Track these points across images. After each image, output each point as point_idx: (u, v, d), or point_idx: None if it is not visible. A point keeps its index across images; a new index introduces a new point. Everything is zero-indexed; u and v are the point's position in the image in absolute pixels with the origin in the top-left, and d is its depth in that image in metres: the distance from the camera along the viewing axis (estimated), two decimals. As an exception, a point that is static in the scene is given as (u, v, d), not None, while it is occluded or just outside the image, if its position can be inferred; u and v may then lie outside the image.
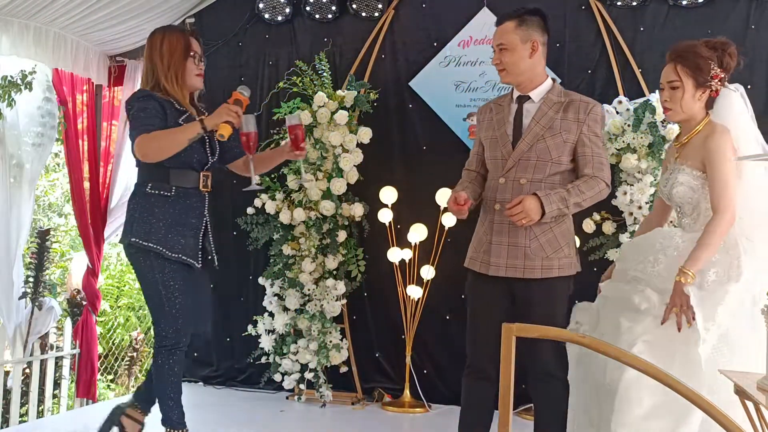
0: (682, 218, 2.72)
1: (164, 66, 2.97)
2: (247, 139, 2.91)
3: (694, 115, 2.62)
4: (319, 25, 4.73)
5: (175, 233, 2.93)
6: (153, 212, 2.93)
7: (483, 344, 2.73)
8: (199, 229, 3.03)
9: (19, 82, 4.21)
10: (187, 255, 2.95)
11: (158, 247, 2.89)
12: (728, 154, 2.53)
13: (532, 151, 2.70)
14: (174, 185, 2.95)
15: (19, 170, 4.57)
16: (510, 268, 2.68)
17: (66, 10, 4.33)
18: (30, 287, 4.72)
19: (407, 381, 4.34)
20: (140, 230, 2.91)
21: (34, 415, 4.83)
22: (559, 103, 2.74)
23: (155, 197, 2.94)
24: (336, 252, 4.43)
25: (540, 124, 2.71)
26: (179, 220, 2.95)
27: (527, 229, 2.67)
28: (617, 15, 4.27)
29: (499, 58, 2.76)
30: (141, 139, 2.83)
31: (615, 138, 4.06)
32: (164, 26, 3.11)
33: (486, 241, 2.76)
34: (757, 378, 1.90)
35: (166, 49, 2.97)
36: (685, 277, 2.41)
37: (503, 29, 2.75)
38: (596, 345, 1.61)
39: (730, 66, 2.63)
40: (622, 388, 2.38)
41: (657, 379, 1.55)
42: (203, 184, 3.05)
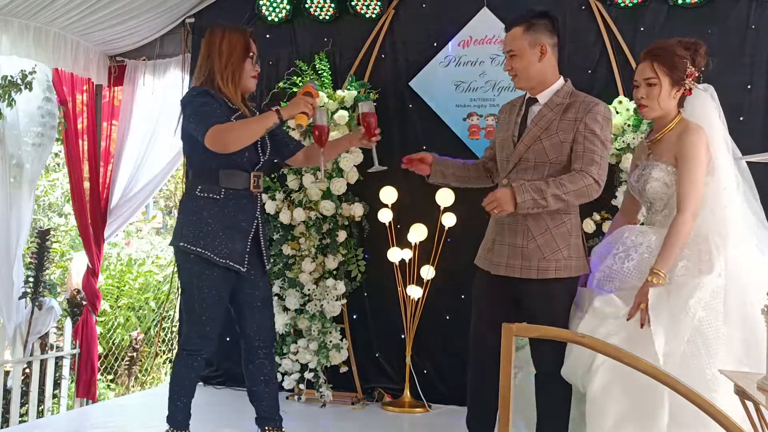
0: (653, 215, 2.76)
1: (221, 64, 2.92)
2: (319, 133, 2.90)
3: (668, 112, 2.68)
4: (319, 25, 4.72)
5: (224, 237, 2.89)
6: (202, 216, 2.89)
7: (484, 341, 2.76)
8: (249, 232, 2.98)
9: (19, 82, 4.22)
10: (234, 260, 2.91)
11: (206, 252, 2.86)
12: (702, 152, 2.59)
13: (529, 153, 2.72)
14: (223, 187, 2.91)
15: (19, 170, 4.58)
16: (509, 268, 2.72)
17: (66, 10, 4.34)
18: (30, 287, 4.72)
19: (407, 381, 4.34)
20: (189, 234, 2.88)
21: (34, 414, 4.83)
22: (562, 105, 2.74)
23: (204, 200, 2.90)
24: (336, 252, 4.43)
25: (538, 126, 2.73)
26: (229, 223, 2.91)
27: (526, 229, 2.70)
28: (617, 15, 4.27)
29: (510, 65, 2.78)
30: (215, 131, 2.74)
31: (615, 138, 4.06)
32: (224, 24, 3.04)
33: (490, 240, 2.82)
34: (757, 378, 1.90)
35: (225, 48, 2.92)
36: (657, 278, 2.46)
37: (512, 35, 2.75)
38: (596, 345, 1.61)
39: (701, 66, 2.69)
40: (589, 401, 2.43)
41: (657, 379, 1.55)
42: (254, 185, 3.00)
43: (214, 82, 2.92)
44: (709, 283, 2.45)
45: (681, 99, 2.70)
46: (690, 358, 2.37)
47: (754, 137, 4.04)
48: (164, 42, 5.13)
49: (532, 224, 2.69)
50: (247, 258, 2.98)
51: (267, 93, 4.77)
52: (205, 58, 2.96)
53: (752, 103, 4.09)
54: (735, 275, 2.50)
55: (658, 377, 1.53)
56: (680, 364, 2.35)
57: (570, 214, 2.74)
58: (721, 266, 2.49)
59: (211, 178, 2.91)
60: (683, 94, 2.68)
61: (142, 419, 3.93)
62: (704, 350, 2.38)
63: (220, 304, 2.94)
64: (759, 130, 4.08)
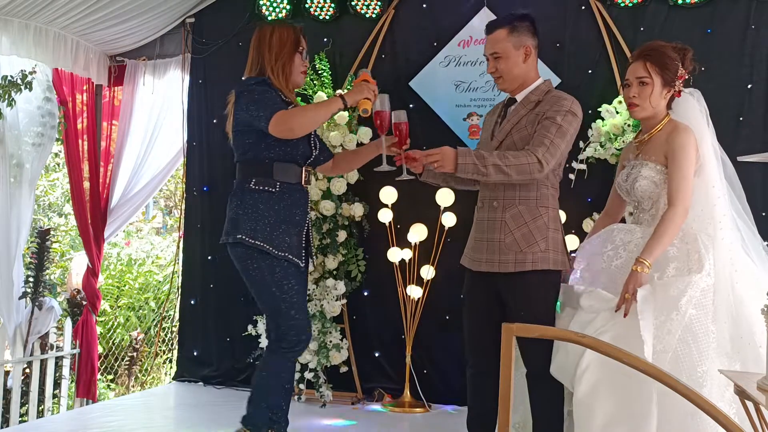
0: (640, 214, 2.79)
1: (272, 57, 2.91)
2: (381, 120, 2.85)
3: (658, 112, 2.72)
4: (319, 25, 4.72)
5: (281, 231, 2.84)
6: (258, 209, 2.83)
7: (477, 340, 2.82)
8: (303, 227, 2.94)
9: (19, 82, 4.22)
10: (293, 254, 2.86)
11: (265, 245, 2.79)
12: (692, 151, 2.62)
13: (501, 148, 2.77)
14: (278, 180, 2.87)
15: (19, 170, 4.58)
16: (487, 263, 2.75)
17: (66, 10, 4.34)
18: (30, 287, 4.72)
19: (407, 381, 4.34)
20: (246, 227, 2.81)
21: (34, 414, 4.83)
22: (535, 102, 2.78)
23: (259, 193, 2.85)
24: (336, 252, 4.43)
25: (510, 122, 2.79)
26: (285, 217, 2.86)
27: (503, 224, 2.74)
28: (617, 15, 4.27)
29: (494, 66, 2.81)
30: (281, 115, 2.72)
31: (615, 138, 4.06)
32: (273, 20, 3.06)
33: (472, 238, 2.87)
34: (757, 378, 1.90)
35: (276, 41, 2.91)
36: (641, 266, 2.48)
37: (495, 38, 2.79)
38: (596, 345, 1.61)
39: (688, 69, 2.73)
40: (577, 402, 2.44)
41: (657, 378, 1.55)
42: (305, 180, 2.99)
43: (266, 75, 2.90)
44: (699, 281, 2.48)
45: (670, 101, 2.74)
46: (681, 355, 2.40)
47: (754, 137, 4.04)
48: (164, 42, 5.13)
49: (509, 219, 2.74)
50: (304, 252, 2.95)
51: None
52: (256, 53, 2.94)
53: (752, 103, 4.10)
54: (722, 273, 2.53)
55: (659, 377, 1.53)
56: (671, 361, 2.38)
57: (547, 207, 2.76)
58: (711, 265, 2.52)
59: (265, 171, 2.86)
60: (672, 95, 2.72)
61: (142, 419, 3.93)
62: (695, 348, 2.41)
63: (301, 292, 2.89)
64: (759, 130, 4.08)
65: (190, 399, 4.49)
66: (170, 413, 4.28)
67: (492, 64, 2.81)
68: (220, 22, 4.93)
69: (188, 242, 4.99)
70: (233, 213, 2.88)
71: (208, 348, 4.88)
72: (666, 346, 2.39)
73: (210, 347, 4.88)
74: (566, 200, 3.76)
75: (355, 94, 2.82)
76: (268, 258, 2.81)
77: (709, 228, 2.62)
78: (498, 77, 2.82)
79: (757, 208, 3.12)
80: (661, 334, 2.39)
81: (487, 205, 2.80)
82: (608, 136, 4.09)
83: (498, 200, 2.77)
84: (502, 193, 2.76)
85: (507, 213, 2.75)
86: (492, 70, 2.82)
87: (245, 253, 2.83)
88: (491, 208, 2.78)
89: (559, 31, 4.37)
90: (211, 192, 4.94)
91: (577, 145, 4.17)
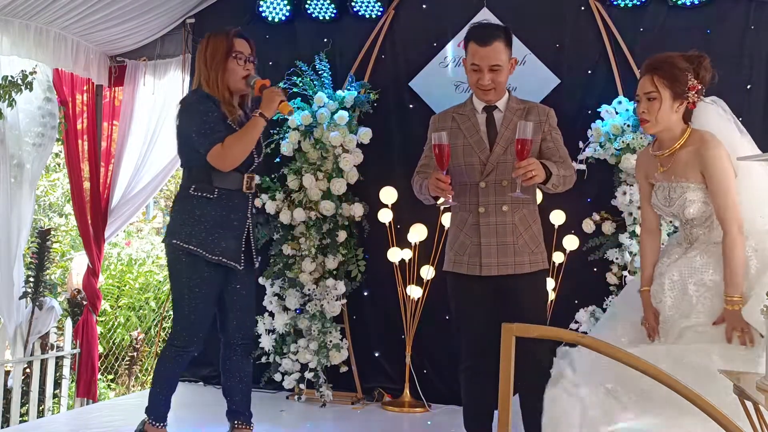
0: (690, 229, 2.67)
1: (206, 69, 2.99)
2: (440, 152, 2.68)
3: (671, 126, 2.60)
4: (319, 25, 4.72)
5: (216, 235, 2.95)
6: (194, 214, 2.95)
7: (477, 342, 2.84)
8: (242, 231, 3.04)
9: (20, 82, 4.21)
10: (228, 257, 2.97)
11: (198, 250, 2.92)
12: (727, 163, 2.53)
13: (507, 154, 2.82)
14: (217, 187, 2.97)
15: (20, 170, 4.58)
16: (501, 266, 2.81)
17: (66, 11, 4.34)
18: (30, 287, 4.72)
19: (407, 381, 4.34)
20: (182, 232, 2.94)
21: (35, 414, 4.83)
22: (521, 110, 2.90)
23: (197, 199, 2.97)
24: (336, 252, 4.44)
25: (509, 129, 2.83)
26: (221, 221, 2.97)
27: (513, 227, 2.83)
28: (617, 15, 4.27)
29: (492, 79, 2.81)
30: (218, 153, 2.87)
31: (615, 138, 4.06)
32: (214, 29, 3.11)
33: (471, 244, 2.86)
34: (756, 378, 1.90)
35: (209, 52, 3.00)
36: (733, 304, 2.42)
37: (497, 49, 2.79)
38: (596, 345, 1.61)
39: (706, 79, 2.62)
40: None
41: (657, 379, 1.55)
42: (247, 186, 3.06)
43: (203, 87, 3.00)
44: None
45: (687, 113, 2.63)
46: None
47: (754, 137, 3.98)
48: (165, 42, 5.13)
49: (518, 222, 2.84)
50: (243, 256, 3.04)
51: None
52: (196, 66, 3.07)
53: (752, 103, 4.10)
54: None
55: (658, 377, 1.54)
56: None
57: (537, 210, 2.95)
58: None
59: (205, 177, 2.96)
60: (687, 108, 2.61)
61: (142, 419, 3.93)
62: None
63: (210, 302, 3.01)
64: (759, 130, 4.07)
65: (190, 399, 4.49)
66: (170, 413, 4.27)
67: (489, 76, 2.80)
68: (221, 22, 4.90)
69: (188, 242, 4.98)
70: (172, 217, 3.04)
71: (209, 348, 4.85)
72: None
73: (210, 347, 4.86)
74: (566, 200, 3.77)
75: (269, 104, 2.91)
76: (197, 261, 2.93)
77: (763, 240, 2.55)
78: (491, 89, 2.83)
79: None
80: None
81: (494, 209, 2.83)
82: (608, 137, 4.09)
83: (506, 204, 2.83)
84: (509, 198, 2.82)
85: (516, 216, 2.84)
86: (488, 82, 2.81)
87: (178, 256, 2.97)
88: (500, 212, 2.83)
89: (559, 32, 4.37)
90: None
91: (576, 145, 4.17)
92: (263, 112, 2.90)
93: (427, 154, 3.00)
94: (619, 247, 4.02)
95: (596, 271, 4.13)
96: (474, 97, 2.95)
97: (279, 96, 2.91)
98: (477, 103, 2.93)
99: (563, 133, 3.01)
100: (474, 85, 2.87)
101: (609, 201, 4.12)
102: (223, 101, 2.98)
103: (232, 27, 3.11)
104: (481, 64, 2.81)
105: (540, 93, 4.35)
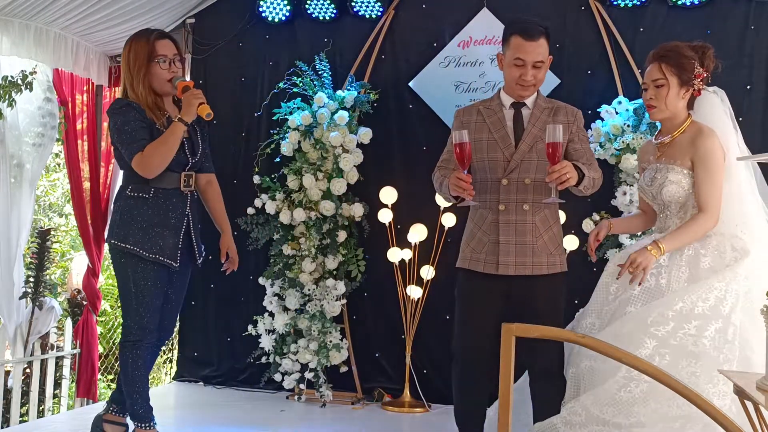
0: (667, 218, 2.76)
1: (129, 75, 3.01)
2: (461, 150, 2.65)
3: (677, 113, 2.70)
4: (319, 25, 4.73)
5: (153, 234, 2.99)
6: (132, 214, 3.00)
7: (480, 340, 2.78)
8: (180, 229, 3.07)
9: (20, 83, 4.21)
10: (165, 255, 3.00)
11: (135, 249, 2.96)
12: (719, 155, 2.61)
13: (533, 152, 2.77)
14: (153, 186, 3.01)
15: (20, 170, 4.57)
16: (519, 266, 2.76)
17: (66, 11, 4.34)
18: (30, 287, 4.72)
19: (407, 381, 4.34)
20: (119, 232, 2.99)
21: (35, 414, 4.83)
22: (549, 109, 2.85)
23: (134, 199, 3.01)
24: (336, 252, 4.44)
25: (537, 127, 2.79)
26: (159, 221, 3.01)
27: (534, 227, 2.77)
28: (617, 16, 4.27)
29: (534, 75, 2.77)
30: (139, 159, 2.91)
31: (615, 138, 4.06)
32: (136, 33, 3.09)
33: (489, 241, 2.80)
34: (756, 378, 1.90)
35: (132, 57, 3.01)
36: (656, 249, 2.54)
37: (542, 45, 2.76)
38: (596, 345, 1.61)
39: (710, 68, 2.71)
40: None
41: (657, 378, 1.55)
42: (184, 184, 3.08)
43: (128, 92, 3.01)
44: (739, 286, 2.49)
45: (690, 101, 2.71)
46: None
47: (754, 137, 4.04)
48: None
49: (539, 222, 2.78)
50: (180, 254, 3.06)
51: (267, 93, 4.78)
52: (122, 72, 3.07)
53: (752, 103, 4.10)
54: (758, 275, 2.53)
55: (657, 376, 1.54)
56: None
57: (558, 212, 2.91)
58: (748, 269, 2.53)
59: (141, 178, 2.99)
60: (692, 95, 2.69)
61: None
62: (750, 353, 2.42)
63: (156, 295, 3.02)
64: (759, 130, 4.09)
65: (190, 399, 4.49)
66: (170, 413, 4.29)
67: (532, 72, 2.75)
68: (221, 22, 4.93)
69: (188, 242, 4.98)
70: (112, 217, 3.10)
71: (209, 348, 4.88)
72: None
73: (210, 347, 4.88)
74: (566, 200, 3.76)
75: (188, 108, 2.92)
76: (136, 260, 2.97)
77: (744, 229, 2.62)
78: (532, 85, 2.79)
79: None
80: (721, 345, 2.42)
81: (514, 207, 2.78)
82: (608, 137, 4.09)
83: (528, 203, 2.78)
84: (531, 196, 2.78)
85: (537, 216, 2.79)
86: (530, 78, 2.76)
87: (118, 254, 3.01)
88: (521, 211, 2.77)
89: (559, 32, 4.37)
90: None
91: (576, 145, 4.18)
92: (182, 117, 2.92)
93: (449, 149, 2.92)
94: (619, 247, 4.02)
95: (596, 271, 4.12)
96: (502, 92, 2.88)
97: (198, 99, 2.90)
98: (505, 99, 2.86)
99: (563, 133, 2.99)
100: (515, 80, 2.77)
101: (609, 201, 4.12)
102: (148, 107, 2.98)
103: (154, 29, 3.09)
104: (526, 59, 2.74)
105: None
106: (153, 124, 2.97)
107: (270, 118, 4.69)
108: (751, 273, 2.53)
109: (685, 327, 2.44)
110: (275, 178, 4.57)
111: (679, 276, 2.59)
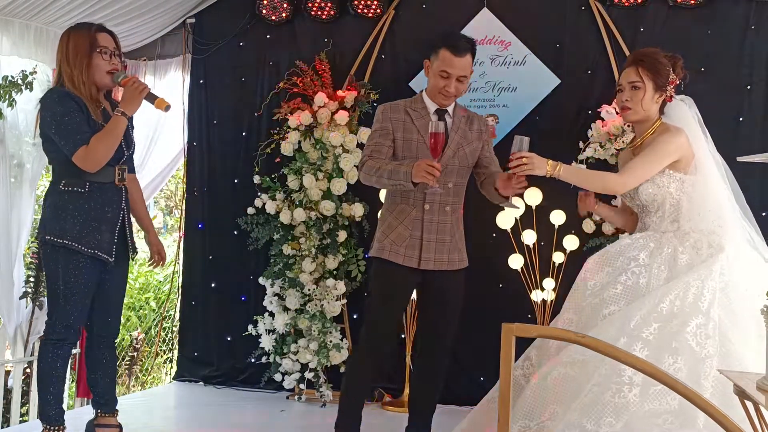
0: (646, 218, 2.85)
1: (69, 66, 2.95)
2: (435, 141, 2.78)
3: (650, 116, 2.81)
4: (319, 25, 4.73)
5: (90, 229, 2.96)
6: (67, 209, 2.95)
7: (388, 326, 3.09)
8: (116, 224, 3.05)
9: (20, 82, 4.21)
10: (102, 250, 2.98)
11: (74, 244, 2.92)
12: (671, 147, 2.71)
13: (455, 158, 3.00)
14: (88, 181, 2.96)
15: (20, 170, 4.57)
16: (438, 262, 3.00)
17: (67, 11, 4.34)
18: (31, 287, 4.72)
19: (407, 381, 4.34)
20: (54, 228, 2.94)
21: (35, 414, 4.83)
22: (465, 117, 3.08)
23: (69, 194, 2.96)
24: (336, 252, 4.44)
25: (458, 134, 3.02)
26: (95, 215, 2.98)
27: (451, 227, 3.02)
28: (617, 15, 4.27)
29: (456, 87, 2.96)
30: (82, 155, 2.86)
31: (614, 138, 4.06)
32: (74, 24, 3.07)
33: (411, 237, 2.99)
34: (756, 378, 1.90)
35: (71, 48, 2.96)
36: (553, 166, 2.64)
37: (467, 60, 2.96)
38: (595, 344, 1.61)
39: (680, 76, 2.83)
40: None
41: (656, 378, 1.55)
42: (119, 178, 3.07)
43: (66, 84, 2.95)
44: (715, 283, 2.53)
45: (662, 106, 2.83)
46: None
47: (754, 137, 4.05)
48: (165, 42, 5.13)
49: (454, 222, 3.04)
50: (115, 249, 3.05)
51: (267, 93, 4.78)
52: (58, 62, 3.02)
53: (752, 103, 4.10)
54: (734, 270, 2.59)
55: (657, 376, 1.54)
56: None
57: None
58: (723, 265, 2.58)
59: (75, 172, 2.94)
60: (664, 100, 2.81)
61: (142, 419, 3.94)
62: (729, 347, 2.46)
63: (86, 294, 2.99)
64: (759, 130, 4.09)
65: (190, 399, 4.49)
66: (170, 413, 4.29)
67: (455, 85, 2.95)
68: (221, 22, 4.93)
69: (189, 242, 4.99)
70: (44, 213, 3.02)
71: (209, 348, 4.88)
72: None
73: (210, 347, 4.88)
74: (566, 201, 3.77)
75: (130, 101, 2.90)
76: (71, 255, 2.93)
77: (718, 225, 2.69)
78: (452, 96, 2.98)
79: (756, 209, 3.13)
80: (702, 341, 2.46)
81: (438, 208, 2.99)
82: (607, 137, 4.09)
83: (449, 205, 3.01)
84: (451, 199, 3.02)
85: (453, 217, 3.04)
86: (452, 89, 2.95)
87: (51, 251, 2.96)
88: (443, 211, 3.00)
89: (559, 32, 4.38)
90: (208, 192, 4.95)
91: (576, 145, 4.18)
92: (124, 110, 2.89)
93: (377, 140, 3.04)
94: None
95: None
96: (426, 98, 3.06)
97: (140, 93, 2.88)
98: (430, 104, 3.05)
99: (564, 133, 3.06)
100: (438, 90, 2.97)
101: (609, 201, 4.11)
102: (88, 99, 2.95)
103: (94, 23, 3.06)
104: (451, 73, 2.94)
105: (540, 93, 4.35)
106: (90, 116, 2.93)
107: (270, 118, 4.70)
108: (727, 269, 2.59)
109: (667, 326, 2.48)
110: (275, 178, 4.57)
111: (659, 275, 2.64)
